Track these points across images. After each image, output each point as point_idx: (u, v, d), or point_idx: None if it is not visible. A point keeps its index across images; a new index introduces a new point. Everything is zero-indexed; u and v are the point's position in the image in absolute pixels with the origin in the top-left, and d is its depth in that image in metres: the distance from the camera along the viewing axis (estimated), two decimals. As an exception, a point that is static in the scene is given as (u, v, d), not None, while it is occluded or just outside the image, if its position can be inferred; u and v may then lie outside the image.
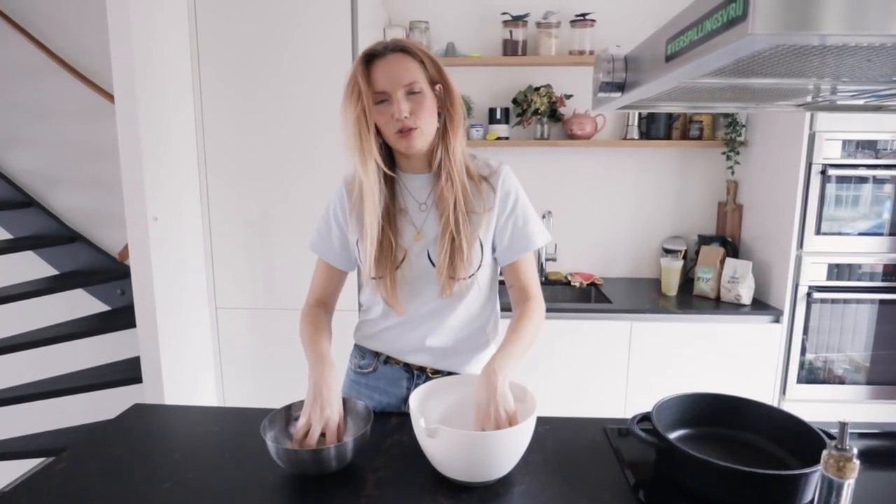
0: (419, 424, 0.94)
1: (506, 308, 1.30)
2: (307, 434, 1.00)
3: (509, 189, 1.17)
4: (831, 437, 0.95)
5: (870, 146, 2.09)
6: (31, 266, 2.85)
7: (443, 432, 0.92)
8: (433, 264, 1.14)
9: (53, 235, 2.83)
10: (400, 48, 1.07)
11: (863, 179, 2.11)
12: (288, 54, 2.06)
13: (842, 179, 2.10)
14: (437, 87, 1.10)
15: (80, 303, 2.83)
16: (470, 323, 1.22)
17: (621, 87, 0.83)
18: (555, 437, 1.15)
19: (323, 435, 1.02)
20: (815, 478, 0.87)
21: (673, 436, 1.06)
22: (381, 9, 2.46)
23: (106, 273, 2.80)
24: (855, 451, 0.63)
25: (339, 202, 1.21)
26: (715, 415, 1.11)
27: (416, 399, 1.04)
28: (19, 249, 2.74)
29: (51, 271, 2.89)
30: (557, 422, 1.21)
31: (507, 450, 0.96)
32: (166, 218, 1.99)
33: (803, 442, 0.97)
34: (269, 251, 2.22)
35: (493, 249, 1.19)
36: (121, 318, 2.63)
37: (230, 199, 2.19)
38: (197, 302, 2.22)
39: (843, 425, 0.62)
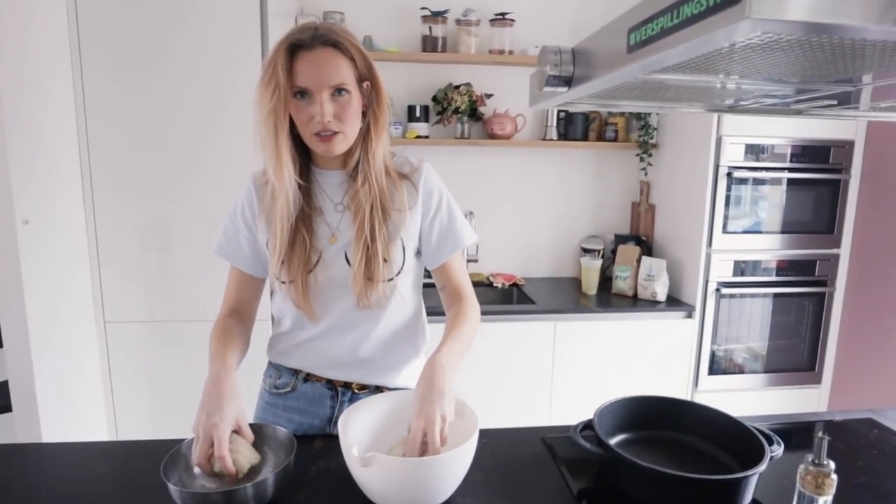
0: (351, 454, 0.84)
1: (434, 312, 1.23)
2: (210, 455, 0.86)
3: (432, 188, 1.11)
4: (763, 433, 0.96)
5: (768, 150, 2.23)
6: None
7: (378, 460, 0.83)
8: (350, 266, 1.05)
9: None
10: (332, 42, 0.95)
11: (762, 181, 2.25)
12: (188, 40, 1.86)
13: (744, 181, 2.24)
14: (365, 84, 1.01)
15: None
16: (397, 332, 1.13)
17: (568, 82, 0.77)
18: (494, 451, 1.09)
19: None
20: (754, 480, 0.88)
21: (613, 441, 1.04)
22: (293, -4, 2.30)
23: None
24: (832, 465, 0.61)
25: (247, 201, 1.09)
26: (653, 417, 1.10)
27: (344, 423, 0.93)
28: None
29: None
30: (495, 434, 1.15)
31: (449, 474, 0.89)
32: (39, 221, 1.72)
33: (738, 441, 0.99)
34: (167, 256, 1.99)
35: (418, 252, 1.13)
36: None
37: (119, 198, 1.94)
38: (81, 316, 1.95)
39: (820, 440, 0.60)
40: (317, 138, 0.97)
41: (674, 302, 2.35)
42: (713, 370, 2.33)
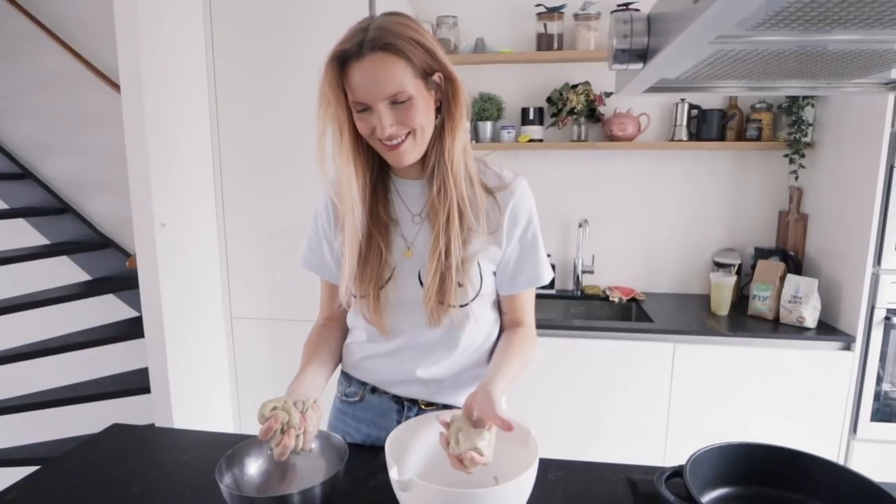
0: (391, 475, 0.79)
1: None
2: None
3: (519, 212, 1.01)
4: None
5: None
6: (66, 271, 2.88)
7: (417, 487, 0.76)
8: (423, 287, 0.99)
9: (87, 241, 2.85)
10: (381, 45, 0.85)
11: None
12: (309, 48, 1.96)
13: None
14: (435, 75, 0.91)
15: (113, 308, 2.84)
16: (470, 354, 1.07)
17: (643, 56, 0.64)
18: (566, 487, 0.97)
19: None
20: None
21: (707, 497, 0.87)
22: (407, 3, 2.33)
23: (136, 279, 2.79)
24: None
25: (324, 212, 1.07)
26: (766, 471, 0.90)
27: (393, 440, 0.88)
28: (55, 254, 2.77)
29: (85, 277, 2.91)
30: (573, 467, 1.03)
31: (499, 509, 0.79)
32: (175, 224, 1.92)
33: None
34: (288, 258, 2.12)
35: (493, 275, 1.05)
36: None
37: (248, 203, 2.10)
38: (211, 311, 2.15)
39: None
40: (385, 148, 0.92)
41: (827, 329, 1.97)
42: (879, 415, 1.91)
